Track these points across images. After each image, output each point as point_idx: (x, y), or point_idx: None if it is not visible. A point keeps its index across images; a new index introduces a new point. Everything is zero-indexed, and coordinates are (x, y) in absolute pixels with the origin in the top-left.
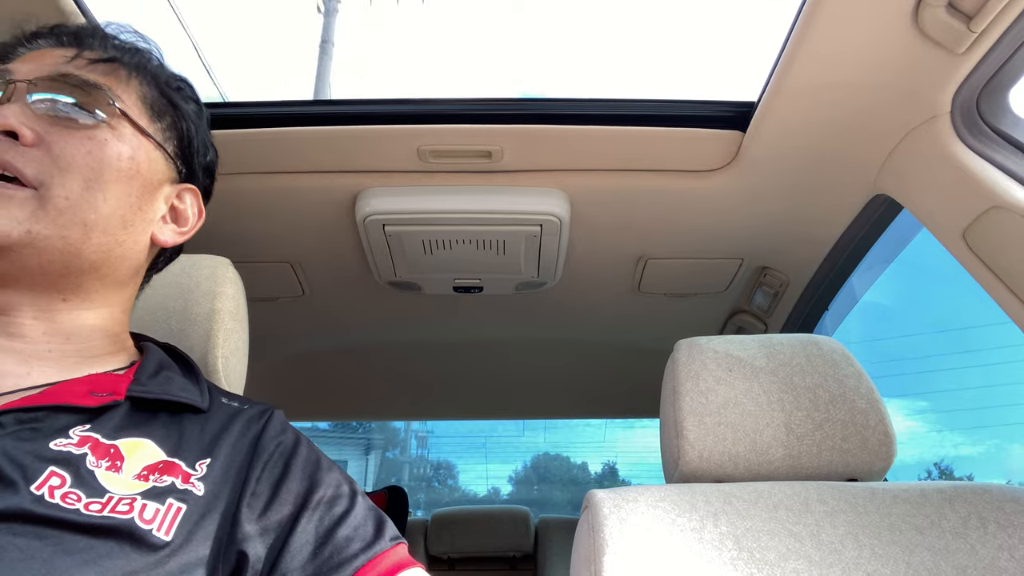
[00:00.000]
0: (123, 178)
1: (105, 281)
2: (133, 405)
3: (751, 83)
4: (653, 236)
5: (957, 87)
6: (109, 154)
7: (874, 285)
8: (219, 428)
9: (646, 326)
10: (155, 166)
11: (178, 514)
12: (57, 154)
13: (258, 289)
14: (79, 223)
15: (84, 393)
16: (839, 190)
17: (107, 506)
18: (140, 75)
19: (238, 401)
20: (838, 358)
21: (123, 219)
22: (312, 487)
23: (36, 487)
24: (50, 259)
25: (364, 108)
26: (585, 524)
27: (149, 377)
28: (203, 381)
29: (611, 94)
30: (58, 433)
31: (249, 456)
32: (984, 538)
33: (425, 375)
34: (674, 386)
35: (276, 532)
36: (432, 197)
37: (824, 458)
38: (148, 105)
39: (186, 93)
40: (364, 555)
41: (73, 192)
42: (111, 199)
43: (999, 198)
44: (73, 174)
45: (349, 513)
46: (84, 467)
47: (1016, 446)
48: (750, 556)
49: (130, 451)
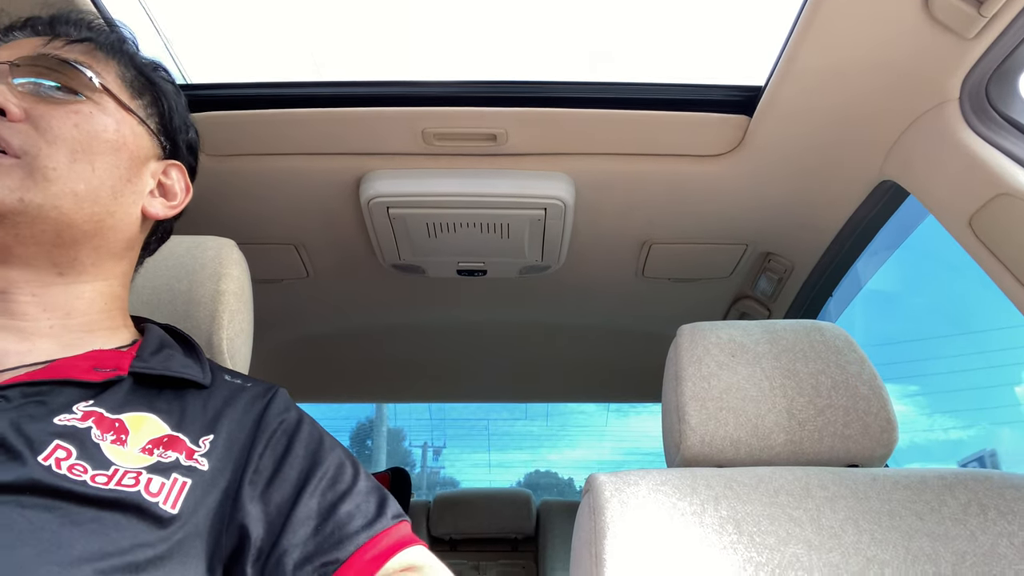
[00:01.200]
0: (110, 150)
1: (100, 252)
2: (136, 381)
3: (758, 67)
4: (658, 220)
5: (966, 73)
6: (95, 126)
7: (879, 272)
8: (222, 404)
9: (650, 311)
10: (140, 141)
11: (184, 488)
12: (44, 127)
13: (262, 271)
14: (69, 193)
15: (88, 368)
16: (845, 176)
17: (113, 479)
18: (117, 56)
19: (241, 379)
20: (841, 344)
21: (112, 189)
22: (314, 464)
23: (43, 458)
24: (43, 228)
25: (369, 90)
26: (586, 507)
27: (151, 354)
28: (204, 359)
29: (617, 78)
30: (63, 408)
31: (252, 433)
32: (984, 524)
33: (428, 358)
34: (676, 371)
35: (278, 509)
36: (436, 180)
37: (825, 444)
38: (127, 83)
39: (162, 74)
40: (366, 532)
41: (60, 163)
42: (99, 170)
43: (1007, 185)
44: (59, 146)
45: (351, 490)
46: (89, 440)
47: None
48: (750, 540)
49: (135, 425)
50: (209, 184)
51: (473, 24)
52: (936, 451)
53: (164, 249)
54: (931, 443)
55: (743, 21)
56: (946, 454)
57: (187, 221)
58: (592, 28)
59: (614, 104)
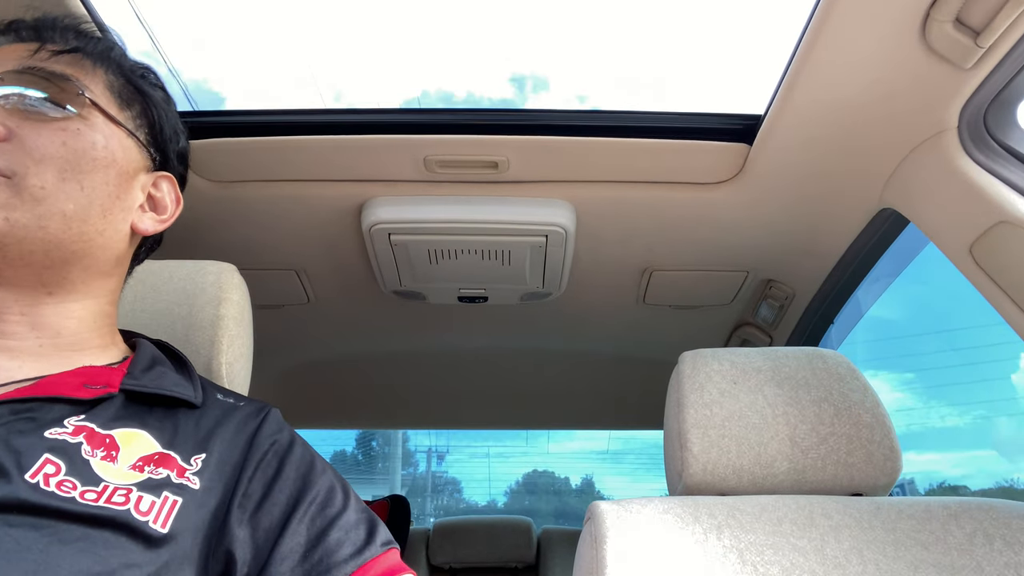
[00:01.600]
0: (99, 167)
1: (89, 272)
2: (127, 398)
3: (758, 96)
4: (658, 248)
5: (964, 102)
6: (84, 144)
7: (880, 299)
8: (214, 423)
9: (651, 338)
10: (129, 154)
11: (174, 507)
12: (31, 146)
13: (263, 296)
14: (58, 213)
15: (78, 385)
16: (845, 204)
17: (102, 495)
18: (105, 64)
19: (234, 398)
20: (843, 372)
21: (102, 208)
22: (305, 488)
23: (31, 475)
24: (31, 249)
25: (371, 117)
26: (588, 536)
27: (142, 371)
28: (196, 377)
29: (617, 106)
30: (53, 423)
31: (244, 453)
32: (990, 555)
33: (429, 385)
34: (678, 398)
35: (265, 535)
36: (438, 207)
37: (829, 472)
38: (116, 93)
39: (151, 80)
40: (353, 561)
41: (48, 182)
42: (88, 188)
43: (1006, 213)
44: (47, 165)
45: (341, 515)
46: (79, 456)
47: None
48: (754, 570)
49: (125, 441)
50: (211, 210)
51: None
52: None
53: (164, 273)
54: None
55: (744, 51)
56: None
57: (188, 246)
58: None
59: (615, 132)
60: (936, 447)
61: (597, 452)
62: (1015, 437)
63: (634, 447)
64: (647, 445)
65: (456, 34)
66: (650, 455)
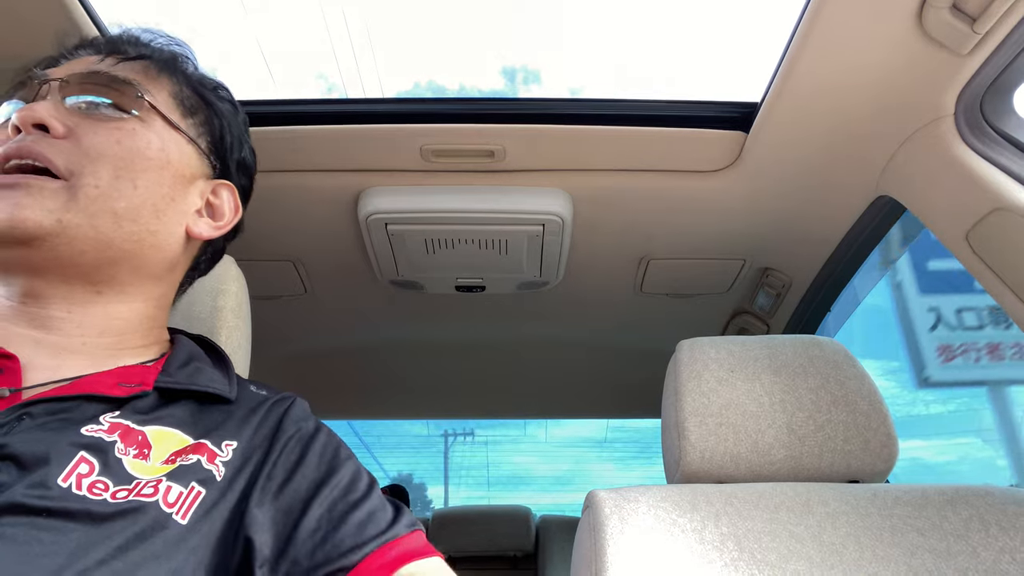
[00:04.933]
0: (153, 167)
1: (139, 273)
2: (161, 395)
3: (755, 84)
4: (655, 236)
5: (961, 89)
6: (138, 143)
7: (877, 287)
8: (245, 415)
9: (648, 326)
10: (187, 159)
11: (197, 499)
12: (87, 145)
13: (260, 287)
14: (109, 211)
15: (112, 384)
16: (842, 191)
17: (133, 491)
18: (171, 72)
19: (266, 390)
20: (840, 359)
21: (155, 208)
22: (328, 473)
23: (63, 478)
24: (82, 249)
25: (367, 107)
26: (586, 524)
27: (178, 368)
28: (232, 372)
29: (614, 94)
30: (89, 420)
31: (269, 439)
32: (986, 540)
33: (427, 374)
34: (676, 386)
35: (286, 516)
36: (435, 196)
37: (826, 459)
38: (179, 101)
39: (221, 94)
40: (377, 540)
41: (103, 180)
42: (141, 188)
43: (1003, 200)
44: (103, 163)
45: (365, 500)
46: (112, 455)
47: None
48: (751, 557)
49: (158, 440)
50: None
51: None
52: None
53: None
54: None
55: (740, 39)
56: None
57: None
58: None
59: (611, 120)
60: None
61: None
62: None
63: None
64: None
65: (449, 26)
66: (643, 426)
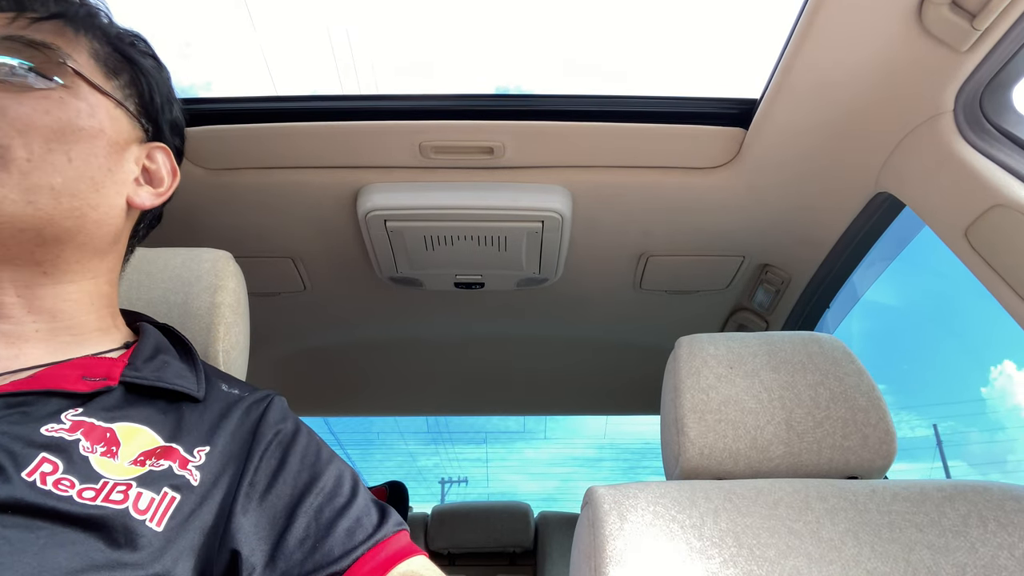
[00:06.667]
0: (86, 137)
1: (84, 250)
2: (127, 390)
3: (754, 80)
4: (654, 233)
5: (960, 85)
6: (68, 112)
7: (875, 283)
8: (218, 415)
9: (647, 323)
10: (118, 125)
11: (171, 505)
12: (13, 117)
13: (259, 284)
14: (46, 187)
15: (76, 378)
16: (841, 188)
17: (101, 492)
18: (89, 31)
19: (238, 388)
20: (839, 356)
21: (93, 181)
22: (312, 479)
23: (27, 473)
24: (22, 227)
25: (366, 104)
26: (585, 520)
27: (144, 361)
28: (200, 366)
29: (613, 91)
30: (49, 418)
31: (247, 444)
32: (984, 536)
33: (426, 371)
34: (675, 383)
35: (272, 524)
36: (434, 193)
37: (824, 456)
38: (101, 62)
39: (141, 48)
40: (364, 544)
41: (35, 153)
42: (76, 160)
43: (1002, 196)
44: (32, 135)
45: (350, 504)
46: (77, 453)
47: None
48: (750, 553)
49: (126, 436)
50: (206, 198)
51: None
52: None
53: (159, 261)
54: None
55: (739, 35)
56: None
57: (183, 234)
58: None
59: (611, 117)
60: None
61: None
62: None
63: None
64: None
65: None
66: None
